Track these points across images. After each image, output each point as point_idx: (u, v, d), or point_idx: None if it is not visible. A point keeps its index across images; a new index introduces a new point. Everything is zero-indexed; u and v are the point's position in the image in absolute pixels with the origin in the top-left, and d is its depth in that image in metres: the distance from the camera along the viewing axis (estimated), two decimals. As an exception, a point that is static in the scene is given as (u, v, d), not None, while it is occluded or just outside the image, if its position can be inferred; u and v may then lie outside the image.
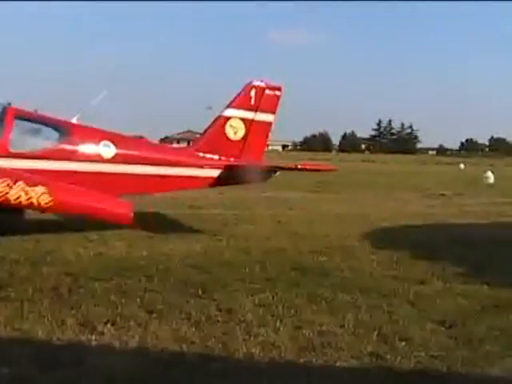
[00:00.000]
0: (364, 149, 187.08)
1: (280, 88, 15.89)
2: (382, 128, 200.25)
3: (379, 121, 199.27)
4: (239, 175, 14.51)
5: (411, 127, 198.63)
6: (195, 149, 14.86)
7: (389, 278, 10.03)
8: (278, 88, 15.88)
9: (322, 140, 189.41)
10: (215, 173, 14.52)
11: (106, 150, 12.96)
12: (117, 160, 13.08)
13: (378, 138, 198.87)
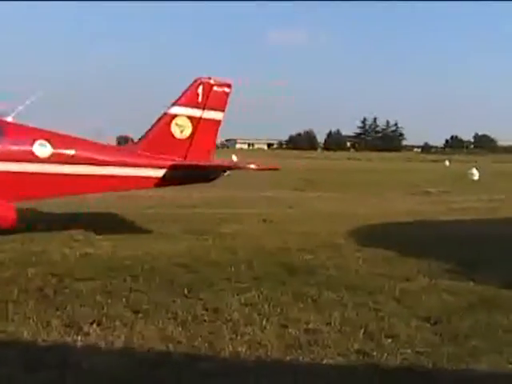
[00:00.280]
0: (349, 146, 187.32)
1: (229, 85, 15.31)
2: (367, 126, 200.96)
3: (364, 119, 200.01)
4: (185, 175, 14.16)
5: (396, 125, 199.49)
6: (139, 148, 14.27)
7: (375, 275, 10.05)
8: (227, 85, 15.29)
9: (307, 138, 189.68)
10: (160, 173, 13.99)
11: (42, 149, 12.44)
12: (53, 160, 12.56)
13: (363, 136, 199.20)
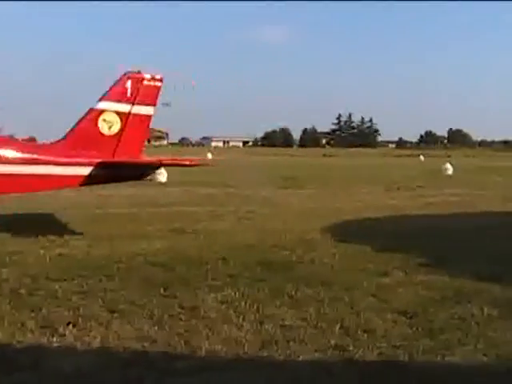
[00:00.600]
0: (324, 143, 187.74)
1: (161, 79, 14.69)
2: (342, 122, 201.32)
3: (339, 115, 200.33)
4: (113, 173, 13.73)
5: (371, 121, 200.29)
6: (64, 145, 13.77)
7: (351, 270, 10.09)
8: (158, 79, 14.65)
9: (282, 135, 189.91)
10: (86, 171, 13.50)
11: None
12: None
13: (338, 132, 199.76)
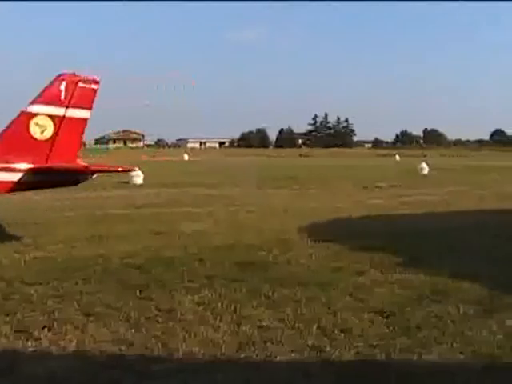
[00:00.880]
0: (300, 144, 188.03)
1: (97, 81, 14.11)
2: (319, 122, 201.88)
3: (315, 115, 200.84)
4: (45, 178, 13.15)
5: (347, 121, 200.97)
6: None
7: (327, 270, 10.10)
8: (94, 81, 14.06)
9: (259, 136, 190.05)
10: (15, 177, 12.79)
11: None
12: None
13: (314, 133, 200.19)
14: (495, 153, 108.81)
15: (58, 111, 13.37)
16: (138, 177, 30.87)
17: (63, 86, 13.38)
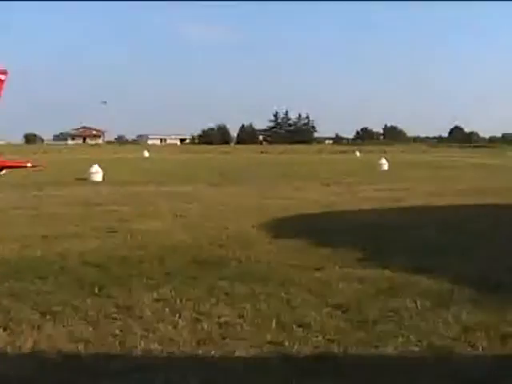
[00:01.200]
0: (261, 140, 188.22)
1: (5, 72, 14.01)
2: (280, 119, 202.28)
3: (276, 112, 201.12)
4: None
5: (308, 117, 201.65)
6: None
7: (287, 266, 10.13)
8: (2, 72, 13.99)
9: (220, 133, 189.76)
10: None
11: None
12: None
13: (275, 129, 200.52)
14: (453, 149, 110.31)
15: None
16: (98, 173, 30.63)
17: None
